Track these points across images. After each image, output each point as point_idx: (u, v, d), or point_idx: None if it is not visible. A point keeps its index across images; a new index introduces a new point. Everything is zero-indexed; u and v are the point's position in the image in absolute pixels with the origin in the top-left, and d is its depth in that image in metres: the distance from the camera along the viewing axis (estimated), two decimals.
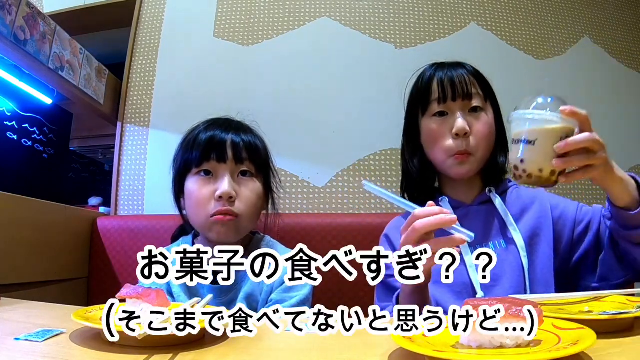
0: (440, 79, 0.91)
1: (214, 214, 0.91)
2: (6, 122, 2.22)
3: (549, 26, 1.75)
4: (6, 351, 0.49)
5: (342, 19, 1.68)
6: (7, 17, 1.18)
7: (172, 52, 1.70)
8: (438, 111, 0.91)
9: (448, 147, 0.89)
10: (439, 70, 0.93)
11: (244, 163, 0.95)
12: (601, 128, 0.59)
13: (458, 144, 0.87)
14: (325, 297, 1.28)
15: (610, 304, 0.63)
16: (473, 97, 0.89)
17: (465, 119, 0.88)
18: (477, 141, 0.88)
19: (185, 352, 0.51)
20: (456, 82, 0.89)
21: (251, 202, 0.95)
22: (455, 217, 0.63)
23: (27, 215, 1.14)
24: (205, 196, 0.92)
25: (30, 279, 1.13)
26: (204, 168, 0.94)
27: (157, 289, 0.58)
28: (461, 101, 0.89)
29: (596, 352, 0.45)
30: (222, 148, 0.93)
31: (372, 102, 1.60)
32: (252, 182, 0.96)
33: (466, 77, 0.90)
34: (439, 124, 0.90)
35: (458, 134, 0.87)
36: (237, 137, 0.96)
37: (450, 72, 0.91)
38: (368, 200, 1.54)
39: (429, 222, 0.63)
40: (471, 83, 0.90)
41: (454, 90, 0.89)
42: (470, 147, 0.88)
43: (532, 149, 0.65)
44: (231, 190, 0.91)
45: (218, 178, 0.93)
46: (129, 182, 1.61)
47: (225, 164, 0.93)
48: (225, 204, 0.91)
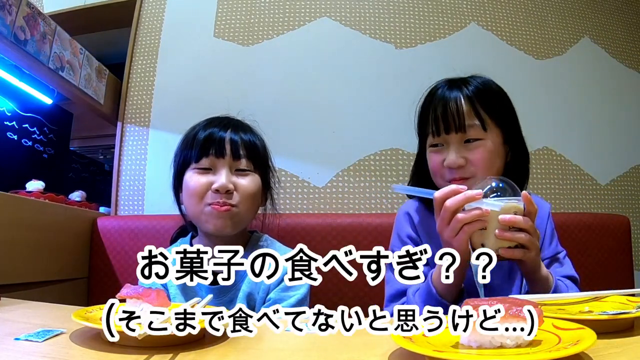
0: (435, 110, 0.90)
1: (210, 203, 0.92)
2: (6, 122, 2.22)
3: (549, 26, 1.75)
4: (6, 351, 0.49)
5: (342, 19, 1.68)
6: (7, 17, 1.18)
7: (172, 52, 1.70)
8: (433, 143, 0.92)
9: (443, 176, 0.90)
10: (439, 98, 0.91)
11: (241, 160, 0.96)
12: (601, 128, 0.59)
13: (452, 173, 0.88)
14: (325, 297, 1.28)
15: (610, 304, 0.63)
16: (467, 130, 0.87)
17: (459, 152, 0.87)
18: (474, 169, 0.88)
19: (185, 352, 0.51)
20: (450, 114, 0.87)
21: (248, 195, 0.95)
22: (480, 191, 0.72)
23: (27, 215, 1.14)
24: (202, 185, 0.93)
25: (30, 279, 1.13)
26: (202, 165, 0.95)
27: (157, 289, 0.58)
28: (455, 134, 0.88)
29: (596, 352, 0.45)
30: (221, 144, 0.95)
31: (372, 102, 1.60)
32: (250, 176, 0.97)
33: (462, 106, 0.88)
34: (436, 156, 0.91)
35: (451, 167, 0.88)
36: (235, 134, 0.97)
37: (447, 98, 0.89)
38: (368, 200, 1.54)
39: (458, 199, 0.72)
40: (469, 111, 0.88)
41: (446, 124, 0.88)
42: (466, 174, 0.88)
43: (487, 233, 0.72)
44: (228, 184, 0.92)
45: (216, 172, 0.94)
46: (129, 182, 1.61)
47: (223, 159, 0.95)
48: (221, 196, 0.92)
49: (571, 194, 1.61)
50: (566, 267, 0.91)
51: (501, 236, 0.71)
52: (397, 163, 1.57)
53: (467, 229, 0.72)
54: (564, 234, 1.37)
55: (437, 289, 0.79)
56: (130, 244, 1.37)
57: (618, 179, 1.66)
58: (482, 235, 0.73)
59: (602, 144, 1.67)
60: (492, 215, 0.71)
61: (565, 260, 0.93)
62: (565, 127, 1.65)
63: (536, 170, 1.60)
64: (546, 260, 0.90)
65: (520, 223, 0.71)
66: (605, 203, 1.63)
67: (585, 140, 1.66)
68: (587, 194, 1.63)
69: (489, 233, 0.72)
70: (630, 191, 1.66)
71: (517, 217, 0.71)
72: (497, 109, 0.91)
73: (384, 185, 1.55)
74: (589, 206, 1.62)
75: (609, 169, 1.66)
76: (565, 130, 1.65)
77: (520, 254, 0.73)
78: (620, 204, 1.64)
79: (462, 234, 0.72)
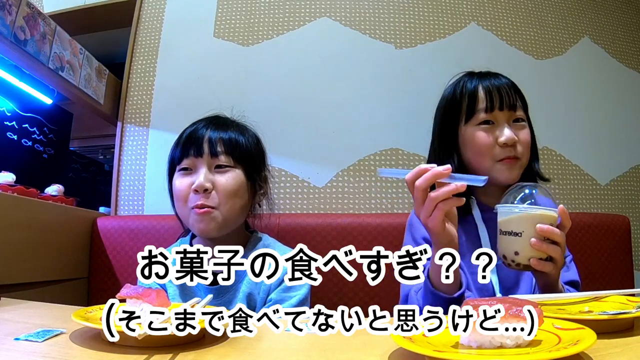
0: (487, 87, 0.93)
1: (193, 207, 0.93)
2: (6, 122, 2.22)
3: (549, 26, 1.75)
4: (6, 351, 0.49)
5: (342, 19, 1.68)
6: (7, 17, 1.18)
7: (172, 52, 1.70)
8: (484, 120, 0.92)
9: (495, 154, 0.90)
10: (483, 79, 0.94)
11: (219, 156, 0.96)
12: (601, 128, 0.60)
13: (506, 151, 0.90)
14: (326, 297, 1.28)
15: (610, 304, 0.63)
16: (517, 109, 0.92)
17: (511, 129, 0.90)
18: (522, 149, 0.91)
19: (185, 352, 0.51)
20: (503, 92, 0.91)
21: (228, 192, 0.95)
22: (449, 166, 0.69)
23: (27, 215, 1.14)
24: (184, 189, 0.95)
25: (30, 279, 1.13)
26: (183, 165, 0.96)
27: (157, 289, 0.58)
28: (507, 111, 0.91)
29: (596, 352, 0.45)
30: (199, 143, 0.96)
31: (372, 102, 1.60)
32: (230, 172, 0.97)
33: (510, 88, 0.93)
34: (486, 132, 0.92)
35: (507, 143, 0.89)
36: (215, 133, 0.98)
37: (495, 81, 0.93)
38: (368, 200, 1.54)
39: (427, 177, 0.70)
40: (515, 94, 0.93)
41: (501, 100, 0.91)
42: (518, 154, 0.90)
43: (522, 240, 0.70)
44: (205, 183, 0.92)
45: (196, 172, 0.95)
46: (129, 182, 1.61)
47: (201, 158, 0.95)
48: (200, 197, 0.93)
49: (571, 194, 1.61)
50: (572, 271, 0.92)
51: (537, 245, 0.68)
52: (397, 163, 1.57)
53: (442, 206, 0.70)
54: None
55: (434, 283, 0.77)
56: (130, 244, 1.37)
57: (618, 179, 1.66)
58: (517, 243, 0.70)
59: (602, 144, 1.67)
60: (529, 222, 0.69)
61: (572, 264, 0.94)
62: (565, 127, 1.65)
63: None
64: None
65: (557, 235, 0.69)
66: (605, 203, 1.63)
67: (585, 140, 1.66)
68: (587, 194, 1.63)
69: (524, 241, 0.69)
70: (630, 191, 1.66)
71: (554, 229, 0.69)
72: (525, 103, 0.97)
73: (384, 185, 1.55)
74: (588, 206, 1.62)
75: (609, 169, 1.66)
76: (565, 130, 1.65)
77: (550, 268, 0.70)
78: (620, 204, 1.64)
79: (436, 211, 0.70)
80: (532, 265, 0.69)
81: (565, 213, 0.71)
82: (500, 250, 0.73)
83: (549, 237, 0.69)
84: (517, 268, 0.72)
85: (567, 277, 0.89)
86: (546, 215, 0.70)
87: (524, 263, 0.70)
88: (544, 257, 0.70)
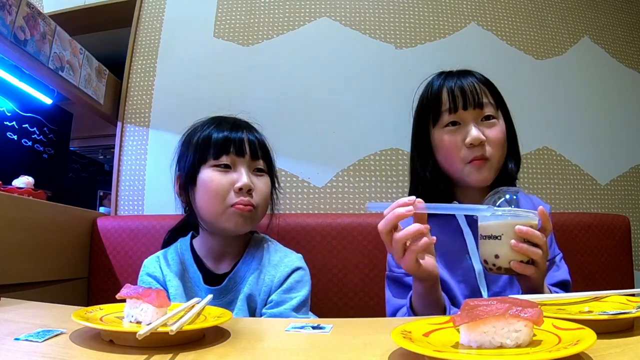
0: (450, 88, 0.89)
1: (234, 204, 0.93)
2: (6, 122, 2.22)
3: (549, 26, 1.75)
4: (6, 351, 0.49)
5: (342, 19, 1.68)
6: (7, 17, 1.18)
7: (172, 52, 1.70)
8: (450, 121, 0.89)
9: (464, 156, 0.88)
10: (448, 79, 0.91)
11: (259, 160, 0.99)
12: (601, 128, 0.59)
13: (474, 151, 0.87)
14: (326, 298, 1.28)
15: (610, 304, 0.63)
16: (484, 106, 0.88)
17: (478, 128, 0.87)
18: (492, 148, 0.87)
19: (185, 352, 0.50)
20: (467, 91, 0.88)
21: (265, 196, 0.99)
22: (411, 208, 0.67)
23: (27, 215, 1.14)
24: (224, 186, 0.93)
25: (30, 279, 1.13)
26: (223, 162, 0.95)
27: (157, 289, 0.58)
28: (473, 110, 0.88)
29: (596, 352, 0.45)
30: (241, 143, 0.96)
31: (372, 102, 1.60)
32: (265, 177, 1.00)
33: (476, 85, 0.89)
34: (452, 135, 0.89)
35: (473, 144, 0.86)
36: (251, 135, 0.99)
37: (460, 81, 0.90)
38: (368, 200, 1.54)
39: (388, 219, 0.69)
40: (482, 91, 0.89)
41: (464, 99, 0.87)
42: (487, 153, 0.87)
43: (501, 243, 0.70)
44: (250, 183, 0.94)
45: (236, 171, 0.95)
46: (129, 182, 1.61)
47: (243, 158, 0.96)
48: (245, 195, 0.93)
49: (571, 194, 1.61)
50: (562, 270, 0.91)
51: (516, 247, 0.68)
52: (397, 163, 1.57)
53: (413, 248, 0.68)
54: (564, 234, 1.37)
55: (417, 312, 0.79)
56: (130, 244, 1.37)
57: (618, 179, 1.66)
58: (497, 246, 0.70)
59: (602, 144, 1.67)
60: (509, 225, 0.69)
61: (561, 263, 0.93)
62: (565, 127, 1.65)
63: (536, 170, 1.60)
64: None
65: (536, 238, 0.68)
66: (605, 203, 1.63)
67: (585, 140, 1.66)
68: (587, 194, 1.63)
69: (503, 243, 0.69)
70: (630, 191, 1.66)
71: (534, 231, 0.68)
72: (500, 99, 0.93)
73: (384, 185, 1.55)
74: (589, 206, 1.62)
75: (609, 169, 1.66)
76: (565, 130, 1.65)
77: (531, 271, 0.70)
78: (620, 204, 1.64)
79: (408, 254, 0.69)
80: (512, 268, 0.69)
81: (545, 215, 0.70)
82: (482, 254, 0.73)
83: (529, 239, 0.68)
84: (499, 272, 0.71)
85: (557, 277, 0.88)
86: (525, 217, 0.70)
87: (505, 266, 0.70)
88: (525, 259, 0.69)
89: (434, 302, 0.77)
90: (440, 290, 0.79)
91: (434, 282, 0.75)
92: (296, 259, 1.01)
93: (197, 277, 0.98)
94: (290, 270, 0.97)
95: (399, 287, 0.90)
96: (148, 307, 0.56)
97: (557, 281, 0.88)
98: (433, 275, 0.73)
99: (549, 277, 0.86)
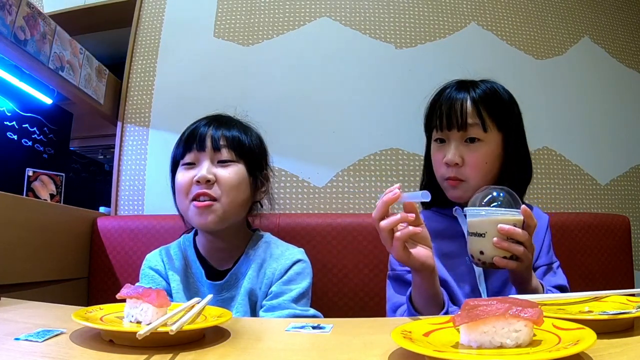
0: (441, 106, 0.93)
1: (193, 198, 0.94)
2: (6, 122, 2.22)
3: (549, 26, 1.75)
4: (6, 351, 0.49)
5: (342, 19, 1.68)
6: (7, 17, 1.18)
7: (172, 52, 1.69)
8: (438, 137, 0.94)
9: (442, 173, 0.92)
10: (446, 93, 0.94)
11: (221, 151, 0.97)
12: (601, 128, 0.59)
13: (449, 170, 0.91)
14: (326, 297, 1.28)
15: (610, 304, 0.63)
16: (469, 128, 0.89)
17: (458, 149, 0.90)
18: (469, 171, 0.89)
19: (185, 352, 0.51)
20: (454, 112, 0.90)
21: (230, 185, 0.95)
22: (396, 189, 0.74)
23: (27, 215, 1.14)
24: (186, 182, 0.95)
25: (30, 279, 1.13)
26: (186, 160, 0.97)
27: (157, 289, 0.58)
28: (456, 131, 0.90)
29: (596, 352, 0.45)
30: (202, 139, 0.97)
31: (372, 102, 1.60)
32: (232, 166, 0.98)
33: (467, 104, 0.90)
34: (438, 151, 0.94)
35: (448, 164, 0.90)
36: (217, 130, 0.99)
37: (453, 98, 0.91)
38: (368, 200, 1.54)
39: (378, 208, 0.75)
40: (472, 111, 0.89)
41: (449, 119, 0.90)
42: (461, 175, 0.90)
43: (485, 241, 0.74)
44: (207, 174, 0.93)
45: (199, 166, 0.96)
46: (129, 182, 1.60)
47: (204, 152, 0.96)
48: (202, 187, 0.93)
49: (571, 194, 1.61)
50: (558, 277, 0.93)
51: (498, 244, 0.72)
52: (397, 163, 1.57)
53: (398, 236, 0.72)
54: (564, 234, 1.37)
55: (416, 307, 0.80)
56: (130, 244, 1.37)
57: (618, 179, 1.66)
58: (481, 243, 0.74)
59: (602, 144, 1.67)
60: (492, 224, 0.73)
61: (558, 270, 0.95)
62: (565, 127, 1.65)
63: (536, 170, 1.60)
64: (542, 268, 0.92)
65: (518, 235, 0.72)
66: (605, 203, 1.63)
67: (585, 140, 1.65)
68: (587, 194, 1.63)
69: (487, 241, 0.73)
70: (630, 191, 1.66)
71: (516, 229, 0.72)
72: (501, 113, 0.92)
73: (384, 185, 1.54)
74: (589, 206, 1.62)
75: (609, 169, 1.66)
76: (565, 130, 1.65)
77: (513, 265, 0.73)
78: (620, 204, 1.64)
79: (395, 242, 0.72)
80: (495, 263, 0.73)
81: (528, 213, 0.73)
82: (469, 250, 0.78)
83: (511, 236, 0.72)
84: (484, 266, 0.76)
85: (554, 281, 0.91)
86: (509, 216, 0.73)
87: (489, 262, 0.74)
88: (507, 255, 0.73)
89: (433, 297, 0.79)
90: (439, 286, 0.81)
91: (431, 274, 0.77)
92: (298, 252, 1.02)
93: (199, 272, 0.99)
94: (291, 262, 0.98)
95: (401, 284, 0.92)
96: (148, 307, 0.56)
97: (553, 285, 0.89)
98: (427, 265, 0.75)
99: (546, 282, 0.87)
